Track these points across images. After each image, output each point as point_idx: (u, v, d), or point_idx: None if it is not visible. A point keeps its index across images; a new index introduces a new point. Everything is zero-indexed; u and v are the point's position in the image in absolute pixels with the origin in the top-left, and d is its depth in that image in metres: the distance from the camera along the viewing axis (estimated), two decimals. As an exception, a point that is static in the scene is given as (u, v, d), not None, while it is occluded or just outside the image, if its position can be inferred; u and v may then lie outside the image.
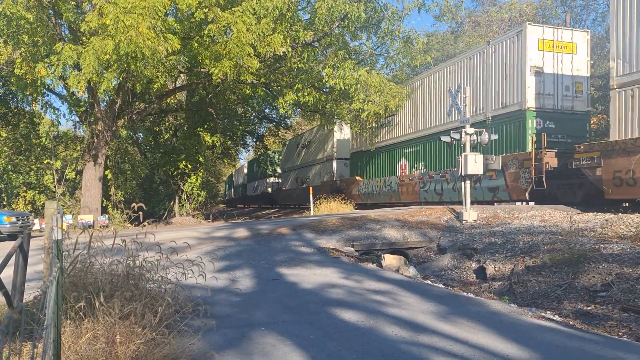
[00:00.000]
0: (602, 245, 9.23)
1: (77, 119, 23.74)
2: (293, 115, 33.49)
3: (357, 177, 27.16)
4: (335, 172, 29.89)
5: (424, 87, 21.96)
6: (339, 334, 5.15)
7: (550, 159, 14.77)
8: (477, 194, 17.17)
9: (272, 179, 43.06)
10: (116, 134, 21.90)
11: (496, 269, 9.92)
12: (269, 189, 42.87)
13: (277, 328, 5.34)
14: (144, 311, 4.34)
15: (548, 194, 15.30)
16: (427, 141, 21.38)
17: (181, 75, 22.92)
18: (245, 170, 53.92)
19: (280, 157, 42.27)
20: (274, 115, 35.16)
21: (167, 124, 30.09)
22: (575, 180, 14.60)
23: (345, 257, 10.59)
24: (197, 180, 27.18)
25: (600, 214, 12.27)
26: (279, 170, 42.26)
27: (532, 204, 15.48)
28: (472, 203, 14.66)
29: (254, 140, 41.38)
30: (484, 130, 14.81)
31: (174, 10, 17.55)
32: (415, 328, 5.34)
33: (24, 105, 23.85)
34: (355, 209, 23.68)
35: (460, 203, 16.07)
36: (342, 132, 29.62)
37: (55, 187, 22.82)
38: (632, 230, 10.18)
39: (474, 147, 15.55)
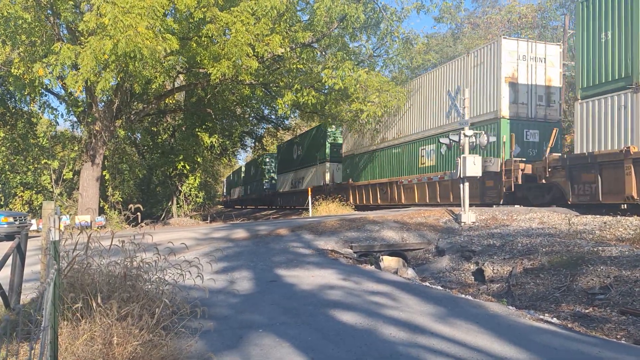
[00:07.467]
0: (600, 247, 9.22)
1: (75, 119, 23.69)
2: (292, 116, 33.47)
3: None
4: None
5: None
6: (337, 335, 5.14)
7: None
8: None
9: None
10: (114, 134, 21.86)
11: (494, 271, 9.91)
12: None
13: (275, 330, 5.33)
14: (141, 312, 4.32)
15: None
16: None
17: (179, 75, 22.86)
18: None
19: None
20: (272, 116, 35.15)
21: (165, 124, 29.99)
22: None
23: (344, 258, 10.57)
24: (195, 181, 27.11)
25: (598, 216, 12.26)
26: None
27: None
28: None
29: (253, 141, 41.32)
30: (483, 132, 14.81)
31: (173, 11, 17.50)
32: (413, 330, 5.33)
33: (22, 105, 23.79)
34: (354, 210, 23.67)
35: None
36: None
37: (52, 187, 22.75)
38: (630, 233, 10.19)
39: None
